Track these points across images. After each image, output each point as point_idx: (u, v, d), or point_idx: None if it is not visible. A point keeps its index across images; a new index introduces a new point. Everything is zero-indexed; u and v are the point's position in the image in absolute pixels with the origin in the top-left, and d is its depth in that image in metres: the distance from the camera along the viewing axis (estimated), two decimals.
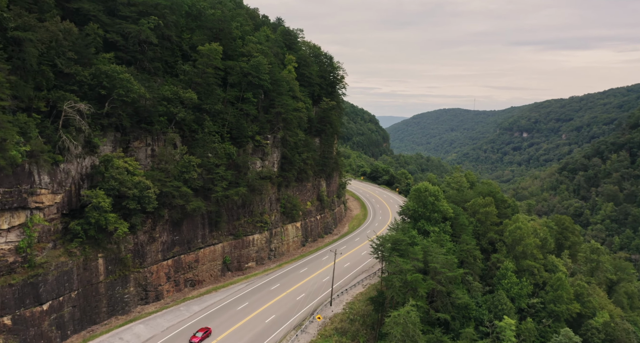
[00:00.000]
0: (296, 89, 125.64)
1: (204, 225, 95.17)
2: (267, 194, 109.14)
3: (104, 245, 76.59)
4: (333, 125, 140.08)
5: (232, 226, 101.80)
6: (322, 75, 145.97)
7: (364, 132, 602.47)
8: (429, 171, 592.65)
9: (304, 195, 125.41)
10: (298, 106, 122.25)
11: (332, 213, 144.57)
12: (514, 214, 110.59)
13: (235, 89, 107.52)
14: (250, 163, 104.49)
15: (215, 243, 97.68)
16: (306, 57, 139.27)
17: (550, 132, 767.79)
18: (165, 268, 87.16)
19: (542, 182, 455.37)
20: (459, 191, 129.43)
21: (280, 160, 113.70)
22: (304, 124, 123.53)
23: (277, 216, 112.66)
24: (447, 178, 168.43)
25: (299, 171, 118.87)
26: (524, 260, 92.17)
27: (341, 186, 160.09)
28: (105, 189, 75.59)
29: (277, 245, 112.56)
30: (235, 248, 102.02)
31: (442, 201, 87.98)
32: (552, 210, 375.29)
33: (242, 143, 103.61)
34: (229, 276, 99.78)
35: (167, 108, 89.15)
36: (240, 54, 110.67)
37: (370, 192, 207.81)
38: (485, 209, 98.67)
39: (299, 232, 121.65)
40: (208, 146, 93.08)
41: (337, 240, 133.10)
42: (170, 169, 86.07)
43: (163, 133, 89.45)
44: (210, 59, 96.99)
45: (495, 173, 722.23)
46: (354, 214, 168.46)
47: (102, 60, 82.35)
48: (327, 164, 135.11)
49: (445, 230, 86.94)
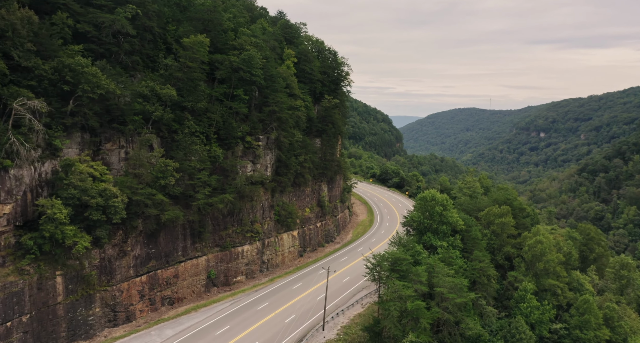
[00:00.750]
0: (294, 86, 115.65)
1: (185, 236, 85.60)
2: (259, 201, 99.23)
3: (63, 262, 67.27)
4: (336, 125, 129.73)
5: (218, 236, 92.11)
6: (324, 71, 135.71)
7: (377, 132, 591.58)
8: (443, 171, 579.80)
9: (301, 201, 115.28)
10: (296, 104, 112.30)
11: (335, 219, 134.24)
12: (534, 224, 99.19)
13: (224, 85, 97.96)
14: (240, 167, 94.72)
15: (198, 255, 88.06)
16: (307, 52, 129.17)
17: (568, 132, 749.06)
18: (138, 285, 77.68)
19: (561, 184, 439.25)
20: (471, 197, 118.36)
21: (274, 163, 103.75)
22: (302, 123, 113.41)
23: (270, 225, 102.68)
24: (459, 182, 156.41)
25: (296, 175, 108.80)
26: (545, 278, 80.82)
27: (345, 190, 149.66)
28: (63, 198, 66.40)
29: (271, 257, 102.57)
30: (221, 261, 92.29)
31: (451, 211, 77.16)
32: (572, 214, 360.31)
33: (230, 144, 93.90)
34: (214, 293, 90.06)
35: (142, 106, 79.90)
36: (231, 47, 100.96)
37: (379, 195, 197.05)
38: (501, 220, 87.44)
39: (295, 241, 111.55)
40: (189, 149, 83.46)
41: (339, 249, 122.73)
42: (144, 174, 76.54)
43: (138, 134, 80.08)
44: (194, 52, 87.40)
45: (512, 173, 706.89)
46: (360, 220, 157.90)
47: (68, 52, 73.29)
48: (328, 167, 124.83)
49: (455, 244, 76.15)
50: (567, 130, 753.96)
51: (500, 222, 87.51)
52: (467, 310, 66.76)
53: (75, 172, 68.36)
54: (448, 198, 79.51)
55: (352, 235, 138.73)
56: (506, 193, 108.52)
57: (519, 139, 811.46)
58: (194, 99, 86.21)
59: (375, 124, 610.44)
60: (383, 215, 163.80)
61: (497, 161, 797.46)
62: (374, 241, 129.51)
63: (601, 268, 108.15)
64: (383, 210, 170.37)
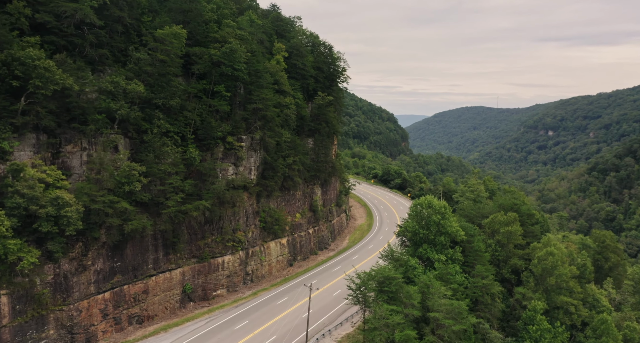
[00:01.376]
0: (284, 82, 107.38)
1: (156, 247, 77.56)
2: (242, 207, 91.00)
3: (8, 279, 59.35)
4: (330, 123, 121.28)
5: (195, 246, 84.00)
6: (318, 67, 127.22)
7: (382, 131, 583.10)
8: (450, 171, 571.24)
9: (291, 206, 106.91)
10: (285, 101, 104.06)
11: (329, 224, 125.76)
12: (544, 233, 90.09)
13: (204, 81, 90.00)
14: (220, 170, 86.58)
15: (172, 268, 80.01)
16: (299, 46, 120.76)
17: (577, 130, 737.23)
18: (100, 303, 69.68)
19: (570, 183, 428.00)
20: (475, 202, 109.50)
21: (259, 166, 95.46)
22: (292, 122, 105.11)
23: (255, 233, 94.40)
24: (462, 185, 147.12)
25: (284, 178, 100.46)
26: (557, 295, 71.89)
27: (342, 192, 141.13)
28: (7, 208, 58.58)
29: (255, 267, 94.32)
30: (199, 274, 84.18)
31: (450, 219, 68.46)
32: (582, 214, 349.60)
33: (209, 145, 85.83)
34: (190, 309, 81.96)
35: (107, 104, 72.03)
36: (212, 40, 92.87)
37: (380, 197, 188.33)
38: (508, 229, 78.55)
39: (284, 250, 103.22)
40: (160, 150, 75.37)
41: (333, 257, 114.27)
42: (105, 179, 68.51)
43: (102, 135, 72.11)
44: (165, 44, 79.34)
45: (520, 172, 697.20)
46: (358, 224, 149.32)
47: (23, 44, 65.55)
48: (321, 169, 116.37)
49: (455, 257, 67.44)
50: (576, 128, 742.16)
51: (506, 231, 78.64)
52: (467, 338, 58.13)
53: (24, 178, 60.55)
54: (446, 205, 70.68)
55: (348, 241, 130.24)
56: (513, 197, 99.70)
57: (527, 138, 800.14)
58: (166, 96, 78.14)
59: (380, 123, 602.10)
60: (383, 218, 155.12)
61: (505, 160, 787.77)
62: (371, 247, 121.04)
63: (618, 278, 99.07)
64: (383, 213, 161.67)
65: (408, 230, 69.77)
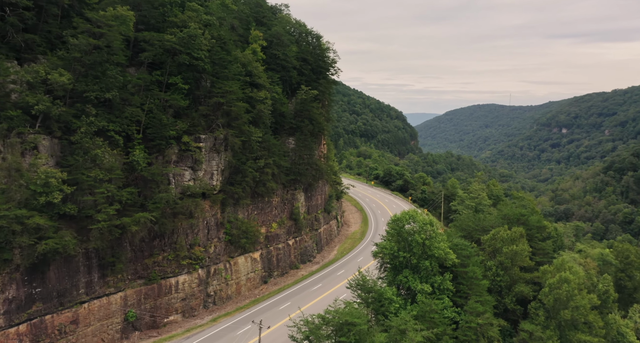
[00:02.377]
0: (259, 74, 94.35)
1: (89, 268, 65.03)
2: (202, 218, 78.22)
3: None
4: (315, 121, 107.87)
5: (141, 266, 71.37)
6: (303, 58, 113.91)
7: (390, 129, 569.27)
8: (459, 170, 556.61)
9: (266, 215, 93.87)
10: (259, 95, 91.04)
11: (315, 234, 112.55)
12: (557, 250, 76.16)
13: (158, 71, 77.47)
14: (173, 176, 73.89)
15: (110, 292, 67.44)
16: (281, 35, 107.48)
17: (591, 127, 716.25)
18: (12, 338, 57.28)
19: (585, 183, 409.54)
20: (476, 212, 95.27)
21: (224, 170, 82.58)
22: (266, 119, 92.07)
23: (218, 248, 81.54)
24: (461, 192, 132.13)
25: (256, 183, 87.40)
26: (573, 332, 57.78)
27: (332, 197, 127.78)
28: None
29: (219, 288, 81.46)
30: (146, 298, 71.52)
31: (438, 239, 54.69)
32: (597, 216, 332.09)
33: (160, 146, 73.08)
34: (133, 340, 69.32)
35: (23, 97, 59.87)
36: (171, 24, 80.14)
37: (378, 201, 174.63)
38: (512, 249, 64.69)
39: (256, 266, 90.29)
40: (91, 153, 62.80)
41: (317, 271, 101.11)
42: (14, 189, 56.08)
43: (18, 135, 59.83)
44: (102, 28, 66.79)
45: (532, 171, 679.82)
46: (351, 231, 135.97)
47: None
48: (303, 173, 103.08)
49: (444, 287, 53.95)
50: (590, 126, 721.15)
51: (510, 251, 64.76)
52: None
53: None
54: (433, 221, 57.05)
55: (336, 251, 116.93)
56: (521, 204, 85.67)
57: (540, 136, 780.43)
58: (101, 88, 65.55)
59: (388, 121, 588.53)
60: (379, 225, 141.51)
61: (517, 158, 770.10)
62: (360, 260, 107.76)
63: None
64: (380, 219, 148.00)
65: (386, 251, 56.46)
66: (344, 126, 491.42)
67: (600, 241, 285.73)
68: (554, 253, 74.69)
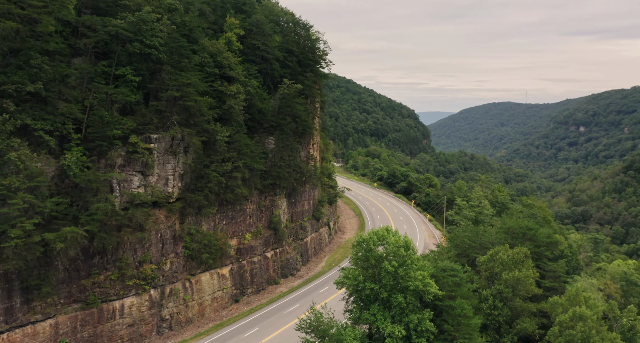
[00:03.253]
0: (231, 66, 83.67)
1: (9, 292, 54.82)
2: (154, 230, 67.69)
3: None
4: (299, 118, 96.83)
5: (77, 288, 61.00)
6: (289, 49, 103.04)
7: (401, 128, 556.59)
8: (473, 170, 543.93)
9: (237, 225, 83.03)
10: (230, 89, 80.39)
11: (300, 244, 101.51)
12: (571, 273, 63.57)
13: (104, 61, 67.27)
14: (119, 182, 63.41)
15: (37, 319, 57.17)
16: (261, 24, 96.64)
17: (610, 125, 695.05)
18: None
19: (604, 183, 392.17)
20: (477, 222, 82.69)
21: (183, 174, 71.94)
22: (237, 116, 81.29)
23: (176, 264, 70.93)
24: (459, 200, 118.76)
25: (223, 189, 76.56)
26: None
27: (323, 202, 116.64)
28: None
29: (177, 310, 70.83)
30: (84, 324, 61.12)
31: (416, 266, 42.97)
32: (617, 219, 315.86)
33: (102, 148, 62.67)
34: None
35: None
36: (124, 8, 69.85)
37: (379, 204, 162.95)
38: (514, 275, 52.59)
39: (225, 283, 79.53)
40: (5, 157, 52.57)
41: (298, 288, 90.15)
42: None
43: None
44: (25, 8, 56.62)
45: (549, 170, 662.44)
46: (344, 239, 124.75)
47: None
48: (284, 176, 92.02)
49: (422, 328, 42.35)
50: (609, 123, 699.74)
51: (511, 278, 52.79)
52: None
53: None
54: (409, 243, 45.36)
55: (325, 263, 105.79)
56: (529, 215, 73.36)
57: (557, 134, 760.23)
58: (21, 80, 55.35)
59: (400, 119, 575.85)
60: None
61: (533, 157, 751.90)
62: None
63: None
64: (378, 225, 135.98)
65: (349, 281, 45.10)
66: (353, 124, 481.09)
67: (620, 245, 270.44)
68: (567, 276, 62.68)
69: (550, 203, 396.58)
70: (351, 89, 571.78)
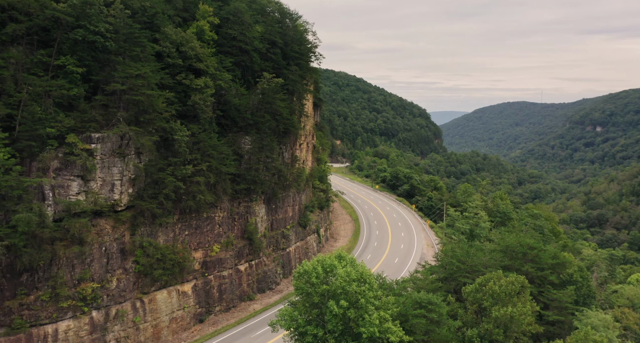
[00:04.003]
0: (203, 57, 74.84)
1: None
2: (97, 244, 59.02)
3: None
4: (280, 116, 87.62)
5: (1, 310, 52.58)
6: (272, 40, 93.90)
7: (412, 127, 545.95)
8: (485, 171, 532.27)
9: (203, 235, 74.09)
10: (196, 83, 71.56)
11: (282, 254, 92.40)
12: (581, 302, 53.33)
13: (43, 50, 58.88)
14: (52, 188, 54.82)
15: None
16: (240, 12, 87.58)
17: (628, 125, 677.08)
18: None
19: (621, 185, 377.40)
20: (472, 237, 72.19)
21: (134, 179, 63.17)
22: (203, 113, 72.39)
23: (124, 282, 62.17)
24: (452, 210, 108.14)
25: (184, 195, 67.66)
26: None
27: (312, 207, 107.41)
28: None
29: (124, 334, 62.10)
30: None
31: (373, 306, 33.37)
32: (635, 224, 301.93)
33: (32, 149, 54.16)
34: None
35: None
36: None
37: (378, 209, 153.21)
38: (506, 312, 42.64)
39: (187, 301, 70.67)
40: None
41: (273, 305, 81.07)
42: None
43: None
44: None
45: (564, 171, 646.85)
46: (336, 247, 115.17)
47: None
48: (261, 180, 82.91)
49: None
50: (626, 123, 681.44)
51: (503, 315, 42.74)
52: None
53: None
54: (365, 273, 35.78)
55: None
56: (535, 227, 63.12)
57: (573, 134, 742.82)
58: None
59: (410, 119, 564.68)
60: (370, 239, 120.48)
61: (548, 157, 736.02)
62: None
63: None
64: (374, 232, 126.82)
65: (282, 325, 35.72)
66: (362, 124, 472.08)
67: (637, 252, 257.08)
68: (575, 307, 52.32)
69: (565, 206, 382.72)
70: (361, 88, 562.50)
